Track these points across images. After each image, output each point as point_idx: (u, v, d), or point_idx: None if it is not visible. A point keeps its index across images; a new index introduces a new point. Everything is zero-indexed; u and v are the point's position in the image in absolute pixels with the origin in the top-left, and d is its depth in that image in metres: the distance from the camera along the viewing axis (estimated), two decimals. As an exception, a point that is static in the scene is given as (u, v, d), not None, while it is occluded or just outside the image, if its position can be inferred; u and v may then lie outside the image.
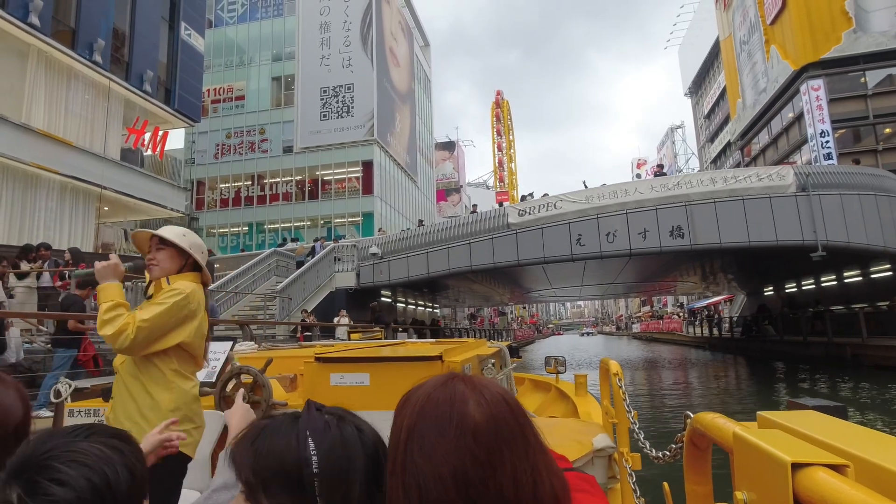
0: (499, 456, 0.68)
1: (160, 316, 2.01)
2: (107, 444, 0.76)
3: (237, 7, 39.58)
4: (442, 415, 0.71)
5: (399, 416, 0.75)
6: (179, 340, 2.09)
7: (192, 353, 2.18)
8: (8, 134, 14.14)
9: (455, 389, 0.73)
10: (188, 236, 2.25)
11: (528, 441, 0.72)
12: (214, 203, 37.50)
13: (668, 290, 46.89)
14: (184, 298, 2.08)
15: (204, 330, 2.22)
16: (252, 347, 4.32)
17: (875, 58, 28.12)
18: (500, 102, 68.36)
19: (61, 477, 0.69)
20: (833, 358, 17.41)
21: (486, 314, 55.99)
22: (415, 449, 0.70)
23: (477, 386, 0.74)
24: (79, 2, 16.43)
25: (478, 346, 3.72)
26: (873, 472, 0.72)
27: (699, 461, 1.31)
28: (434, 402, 0.73)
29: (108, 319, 1.95)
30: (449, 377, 0.77)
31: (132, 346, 1.96)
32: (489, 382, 0.76)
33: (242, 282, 17.12)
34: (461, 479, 0.67)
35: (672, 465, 1.74)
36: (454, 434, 0.69)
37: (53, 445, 0.73)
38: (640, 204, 17.94)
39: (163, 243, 2.20)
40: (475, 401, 0.71)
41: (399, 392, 0.79)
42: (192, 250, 2.22)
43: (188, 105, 21.55)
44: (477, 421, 0.70)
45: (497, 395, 0.74)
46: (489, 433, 0.69)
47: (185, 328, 2.10)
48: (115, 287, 2.06)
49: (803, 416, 1.02)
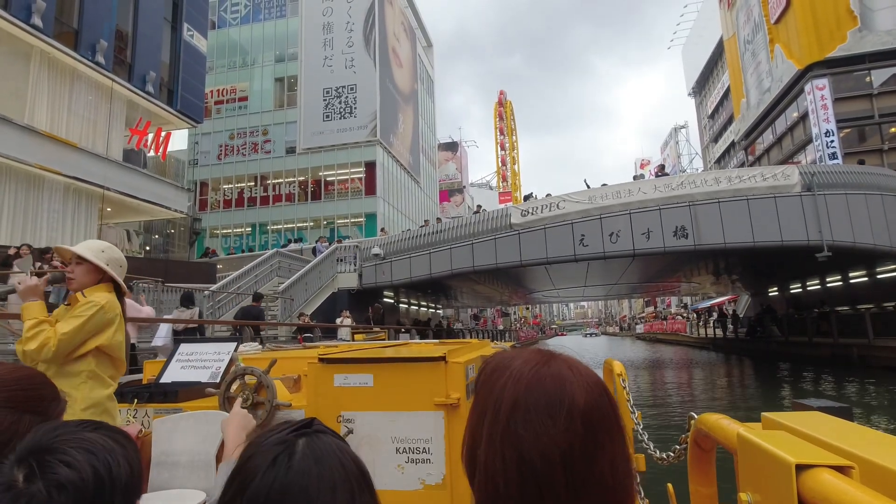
0: (601, 441, 0.70)
1: (78, 329, 2.21)
2: (111, 438, 0.81)
3: (240, 8, 39.67)
4: (551, 394, 0.71)
5: (495, 384, 0.75)
6: (97, 344, 2.29)
7: (111, 356, 2.37)
8: (12, 135, 14.20)
9: (560, 371, 0.74)
10: (107, 252, 2.44)
11: (621, 430, 0.74)
12: (218, 204, 37.58)
13: (671, 291, 46.80)
14: (100, 310, 2.28)
15: (120, 337, 2.39)
16: (256, 348, 4.33)
17: (880, 57, 28.03)
18: (503, 102, 68.37)
19: (69, 460, 0.73)
20: (839, 359, 17.34)
21: (490, 315, 55.95)
22: (519, 422, 0.70)
23: (580, 370, 0.75)
24: (81, 3, 16.49)
25: (481, 347, 3.72)
26: (878, 473, 0.72)
27: (703, 462, 1.30)
28: (541, 379, 0.73)
29: (32, 336, 2.16)
30: (549, 355, 0.78)
31: (54, 356, 2.18)
32: (587, 368, 0.77)
33: (245, 282, 17.12)
34: (568, 461, 0.68)
35: (676, 466, 1.74)
36: (564, 416, 0.70)
37: (63, 433, 0.78)
38: (644, 204, 17.88)
39: (81, 259, 2.37)
40: (581, 385, 0.72)
41: (403, 392, 0.79)
42: (109, 266, 2.41)
43: (191, 106, 21.60)
44: (584, 407, 0.71)
45: (598, 382, 0.75)
46: (594, 418, 0.71)
47: (103, 334, 2.31)
48: (36, 305, 2.26)
49: (808, 417, 1.02)
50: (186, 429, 2.47)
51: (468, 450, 0.77)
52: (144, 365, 3.90)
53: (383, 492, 2.11)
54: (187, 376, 3.17)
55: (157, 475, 2.38)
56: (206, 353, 3.29)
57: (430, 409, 2.20)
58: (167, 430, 2.49)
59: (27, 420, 1.02)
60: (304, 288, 17.66)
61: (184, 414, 2.56)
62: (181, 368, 3.25)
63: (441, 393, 2.26)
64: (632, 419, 2.35)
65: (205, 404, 2.77)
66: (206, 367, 3.18)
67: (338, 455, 0.72)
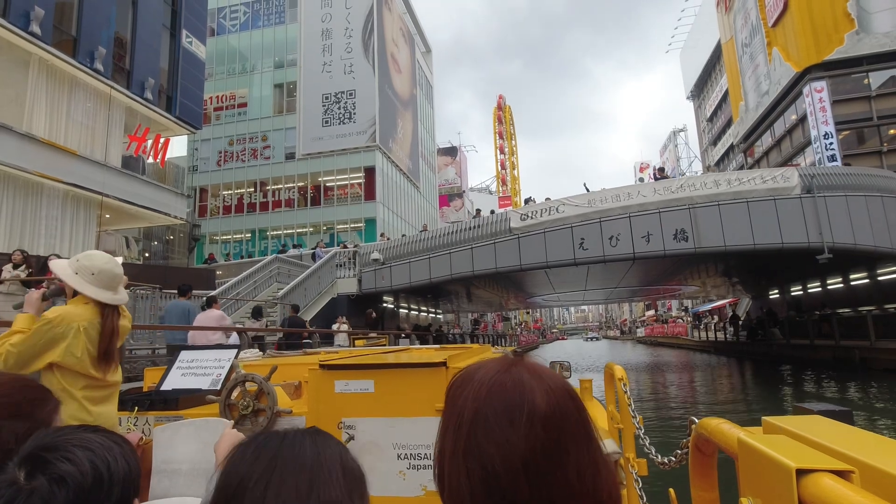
0: (566, 447, 0.69)
1: (24, 342, 2.24)
2: (109, 438, 0.86)
3: (239, 15, 39.79)
4: (510, 400, 0.70)
5: (459, 398, 0.75)
6: (50, 361, 2.26)
7: (75, 371, 2.33)
8: (11, 143, 14.22)
9: (521, 376, 0.73)
10: (81, 260, 2.42)
11: (589, 435, 0.72)
12: (217, 210, 37.60)
13: (672, 294, 46.78)
14: (47, 324, 2.26)
15: (76, 351, 2.32)
16: (256, 355, 4.32)
17: (878, 59, 28.12)
18: (502, 106, 68.50)
19: (70, 456, 0.78)
20: (841, 361, 17.31)
21: (490, 319, 55.90)
22: (479, 433, 0.69)
23: (542, 374, 0.74)
24: (80, 10, 16.54)
25: (482, 352, 3.71)
26: (879, 477, 0.72)
27: (705, 467, 1.30)
28: (501, 387, 0.72)
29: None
30: (511, 362, 0.76)
31: (8, 368, 2.19)
32: (551, 372, 0.76)
33: (244, 288, 17.12)
34: (532, 468, 0.67)
35: (678, 471, 1.74)
36: (525, 422, 0.68)
37: (64, 433, 0.84)
38: (644, 207, 17.89)
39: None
40: (543, 390, 0.71)
41: (404, 398, 0.80)
42: (79, 275, 2.39)
43: (189, 112, 21.64)
44: (546, 411, 0.69)
45: (561, 386, 0.74)
46: (557, 424, 0.69)
47: (54, 351, 2.27)
48: (24, 317, 2.35)
49: (809, 421, 1.02)
50: (187, 436, 2.46)
51: (437, 466, 0.75)
52: (145, 372, 3.89)
53: (385, 498, 2.12)
54: (188, 383, 3.16)
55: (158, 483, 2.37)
56: (206, 360, 3.29)
57: (432, 415, 2.19)
58: (168, 437, 2.48)
59: (9, 426, 1.04)
60: (303, 293, 17.65)
61: (184, 421, 2.56)
62: (182, 376, 3.25)
63: (442, 398, 2.24)
64: (633, 423, 2.34)
65: (205, 411, 2.77)
66: (207, 375, 3.17)
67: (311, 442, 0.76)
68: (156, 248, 27.25)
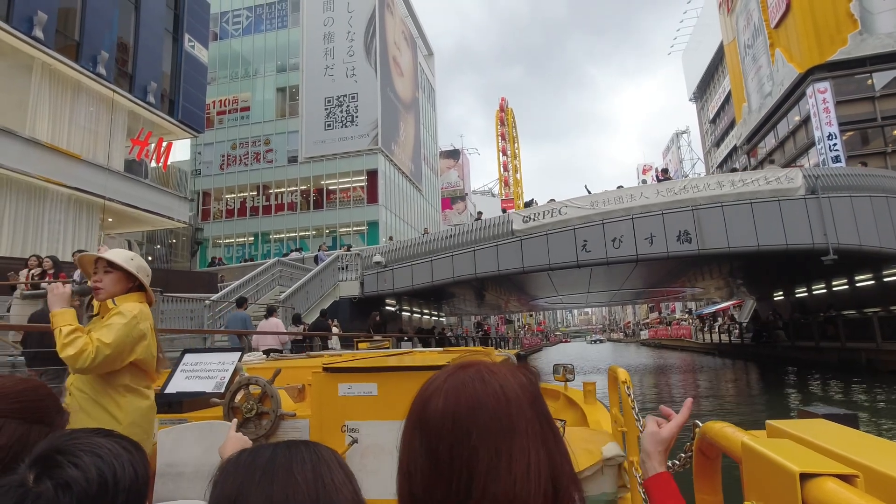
0: (499, 448, 0.69)
1: (120, 339, 2.15)
2: (119, 444, 0.85)
3: (242, 20, 39.92)
4: (448, 405, 0.73)
5: (413, 410, 0.77)
6: (132, 359, 2.23)
7: (144, 370, 2.32)
8: (15, 148, 14.29)
9: (463, 380, 0.74)
10: (136, 260, 2.38)
11: (531, 435, 0.71)
12: (220, 213, 37.68)
13: (676, 297, 46.68)
14: (133, 320, 2.22)
15: (153, 349, 2.34)
16: (260, 358, 4.33)
17: (882, 59, 28.06)
18: (504, 108, 68.49)
19: (78, 462, 0.78)
20: (847, 363, 17.22)
21: (493, 322, 55.86)
22: (418, 439, 0.73)
23: (487, 377, 0.74)
24: (83, 15, 16.63)
25: (485, 355, 3.71)
26: (883, 481, 0.72)
27: (708, 471, 1.30)
28: (443, 393, 0.74)
29: (69, 342, 2.07)
30: (460, 367, 0.78)
31: (92, 366, 2.09)
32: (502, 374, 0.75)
33: (246, 291, 17.10)
34: (473, 471, 0.68)
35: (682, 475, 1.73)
36: (457, 426, 0.70)
37: (76, 436, 0.84)
38: (647, 209, 17.83)
39: (111, 266, 2.31)
40: (486, 392, 0.72)
41: (407, 400, 0.79)
42: (139, 274, 2.36)
43: (192, 116, 21.71)
44: (487, 412, 0.71)
45: (506, 387, 0.73)
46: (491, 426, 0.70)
47: (138, 347, 2.24)
48: (69, 313, 2.18)
49: (813, 424, 1.01)
50: (191, 439, 2.46)
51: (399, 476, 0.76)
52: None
53: (388, 502, 2.11)
54: (192, 386, 3.17)
55: (162, 486, 2.38)
56: (210, 362, 3.29)
57: (435, 418, 2.19)
58: (172, 440, 2.49)
59: (36, 430, 1.05)
60: (305, 297, 17.64)
61: (188, 424, 2.56)
62: (185, 378, 3.25)
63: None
64: (637, 426, 2.34)
65: (209, 414, 2.77)
66: (211, 378, 3.18)
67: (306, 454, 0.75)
68: (158, 251, 27.32)
